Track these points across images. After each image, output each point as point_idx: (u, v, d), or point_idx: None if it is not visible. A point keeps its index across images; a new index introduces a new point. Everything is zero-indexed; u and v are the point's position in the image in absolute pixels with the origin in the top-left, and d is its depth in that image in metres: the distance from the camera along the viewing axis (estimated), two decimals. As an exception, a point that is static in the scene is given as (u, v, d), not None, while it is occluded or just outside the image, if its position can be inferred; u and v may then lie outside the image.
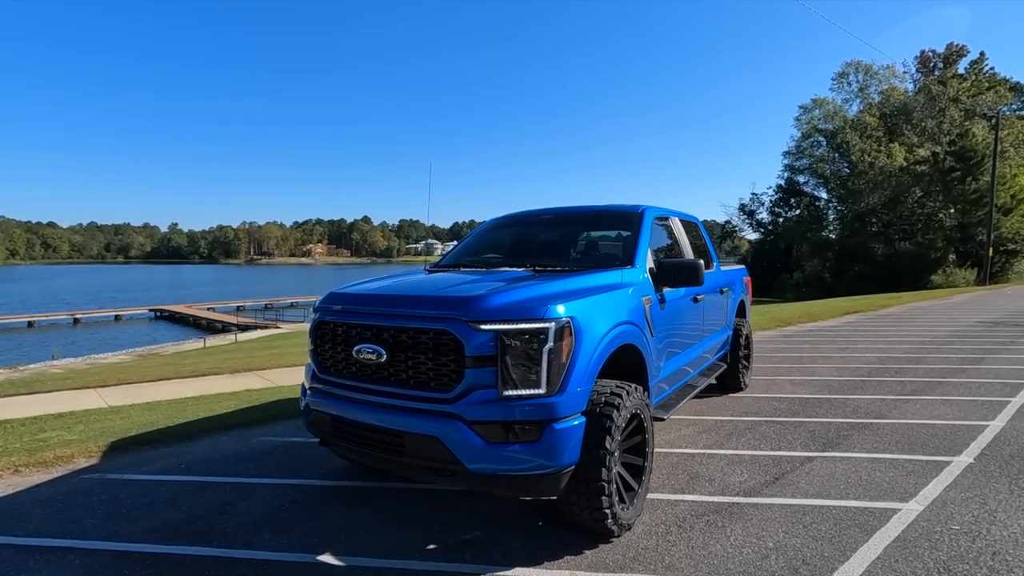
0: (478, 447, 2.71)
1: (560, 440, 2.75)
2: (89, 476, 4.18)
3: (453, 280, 3.52)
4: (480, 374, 2.76)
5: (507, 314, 2.80)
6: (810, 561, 2.86)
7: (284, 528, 3.30)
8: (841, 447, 4.59)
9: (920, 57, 45.81)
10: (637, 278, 3.78)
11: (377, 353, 3.00)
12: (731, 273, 6.32)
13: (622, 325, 3.29)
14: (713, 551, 2.98)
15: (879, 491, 3.70)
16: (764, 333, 12.14)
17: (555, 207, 5.05)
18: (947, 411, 5.63)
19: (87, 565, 2.92)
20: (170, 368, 12.24)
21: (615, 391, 3.08)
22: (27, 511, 3.58)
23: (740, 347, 6.34)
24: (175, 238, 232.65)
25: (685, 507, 3.52)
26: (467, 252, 4.88)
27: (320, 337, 3.39)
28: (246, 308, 48.94)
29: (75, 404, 7.60)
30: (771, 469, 4.13)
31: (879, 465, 4.17)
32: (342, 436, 3.18)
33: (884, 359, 8.58)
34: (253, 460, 4.49)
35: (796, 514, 3.39)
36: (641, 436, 3.35)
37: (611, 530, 3.01)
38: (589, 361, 2.94)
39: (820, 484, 3.84)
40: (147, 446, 4.89)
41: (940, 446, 4.58)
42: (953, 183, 36.87)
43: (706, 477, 3.99)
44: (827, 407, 5.84)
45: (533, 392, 2.75)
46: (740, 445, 4.68)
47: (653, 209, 4.60)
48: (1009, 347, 9.53)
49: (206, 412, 6.17)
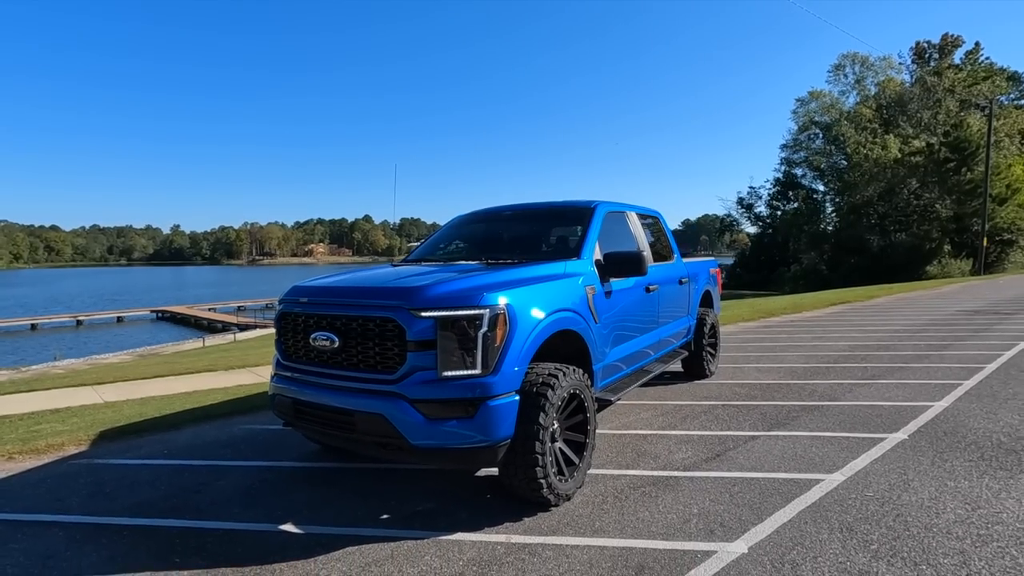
0: (419, 423, 2.99)
1: (495, 416, 3.02)
2: (77, 462, 4.48)
3: (406, 273, 3.80)
4: (421, 357, 3.03)
5: (445, 302, 3.08)
6: (727, 524, 3.13)
7: (253, 503, 3.59)
8: (787, 427, 4.85)
9: (915, 48, 45.85)
10: (582, 269, 4.05)
11: (331, 340, 3.28)
12: (695, 265, 6.58)
13: (561, 312, 3.56)
14: (641, 517, 3.25)
15: (809, 464, 3.97)
16: (746, 324, 12.39)
17: (516, 204, 5.33)
18: (899, 393, 5.88)
19: (69, 536, 3.21)
20: (167, 367, 12.55)
21: (552, 372, 3.35)
22: (17, 492, 3.88)
23: (704, 335, 6.60)
24: (177, 240, 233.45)
25: (626, 481, 3.79)
26: (431, 247, 5.17)
27: (283, 327, 3.67)
28: (246, 308, 49.29)
29: (72, 400, 7.90)
30: (715, 447, 4.40)
31: (817, 442, 4.43)
32: (302, 417, 3.46)
33: (854, 347, 8.83)
34: (232, 446, 4.78)
35: (726, 485, 3.66)
36: (582, 415, 3.62)
37: (547, 499, 3.28)
38: (524, 344, 3.21)
39: (757, 459, 4.10)
40: (134, 435, 5.18)
41: (880, 425, 4.84)
42: (948, 174, 36.99)
43: (652, 455, 4.27)
44: (785, 391, 6.10)
45: (469, 373, 3.02)
46: (692, 426, 4.94)
47: (606, 204, 4.87)
48: (980, 334, 9.77)
49: (193, 404, 6.46)
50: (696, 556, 2.81)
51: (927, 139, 38.65)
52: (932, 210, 37.85)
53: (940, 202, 37.59)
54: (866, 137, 40.19)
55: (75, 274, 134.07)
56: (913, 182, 38.60)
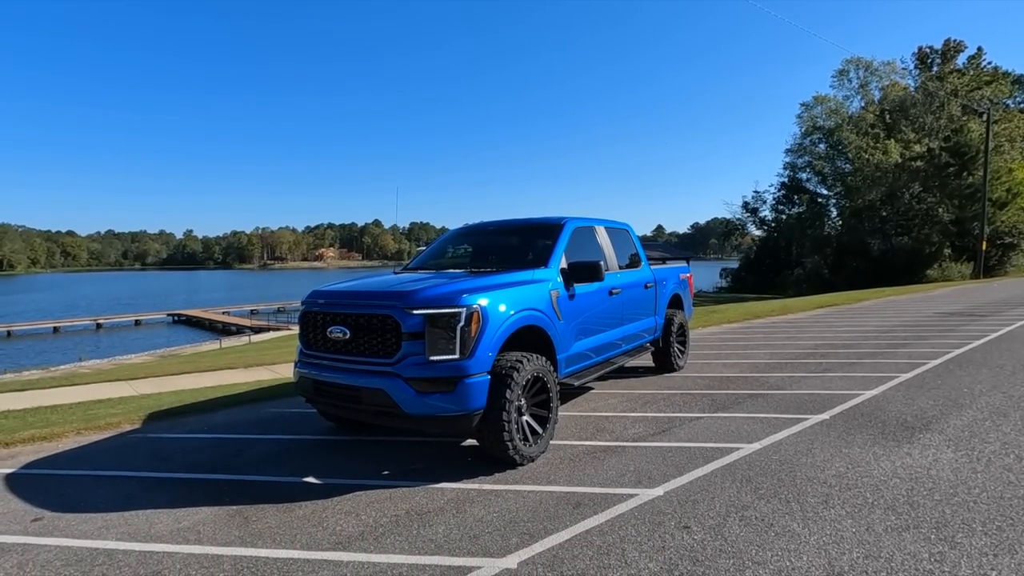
0: (411, 396, 3.88)
1: (469, 391, 3.90)
2: (134, 435, 5.42)
3: (405, 279, 4.70)
4: (413, 345, 3.93)
5: (431, 303, 3.98)
6: (653, 477, 3.98)
7: (281, 464, 4.50)
8: (730, 410, 5.68)
9: (917, 53, 46.26)
10: (548, 276, 4.92)
11: (343, 332, 4.19)
12: (663, 271, 7.42)
13: (527, 311, 4.44)
14: (587, 472, 4.11)
15: (735, 437, 4.81)
16: (730, 325, 13.18)
17: (500, 220, 6.24)
18: (840, 384, 6.68)
19: (142, 485, 4.13)
20: (190, 365, 13.58)
21: (519, 359, 4.22)
22: (92, 456, 4.82)
23: (673, 334, 7.45)
24: (190, 244, 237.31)
25: (582, 449, 4.65)
26: (428, 257, 6.10)
27: (305, 323, 4.59)
28: (259, 311, 50.68)
29: (112, 393, 8.89)
30: (663, 425, 5.24)
31: (749, 422, 5.26)
32: (320, 394, 4.37)
33: (819, 346, 9.61)
34: (260, 424, 5.70)
35: (662, 452, 4.51)
36: (546, 394, 4.50)
37: (513, 459, 4.15)
38: (494, 336, 4.09)
39: (694, 434, 4.94)
40: (177, 416, 6.13)
41: (810, 408, 5.66)
42: (949, 178, 37.46)
43: (609, 431, 5.12)
44: (740, 383, 6.92)
45: (450, 357, 3.91)
46: (649, 410, 5.79)
47: (575, 220, 5.74)
48: (944, 334, 10.50)
49: (222, 394, 7.40)
50: (622, 497, 3.66)
51: (929, 144, 39.10)
52: (933, 214, 38.27)
53: (941, 206, 38.02)
54: (868, 142, 40.70)
55: (91, 278, 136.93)
56: (915, 186, 39.06)
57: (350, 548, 3.11)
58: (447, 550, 3.06)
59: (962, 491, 3.63)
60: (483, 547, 3.07)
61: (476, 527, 3.31)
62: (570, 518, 3.38)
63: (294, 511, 3.60)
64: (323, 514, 3.55)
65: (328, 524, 3.41)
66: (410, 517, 3.47)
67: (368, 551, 3.07)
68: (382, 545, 3.13)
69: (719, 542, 3.05)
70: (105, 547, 3.21)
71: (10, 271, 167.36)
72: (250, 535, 3.29)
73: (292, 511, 3.60)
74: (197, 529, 3.39)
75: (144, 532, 3.38)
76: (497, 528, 3.28)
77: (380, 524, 3.39)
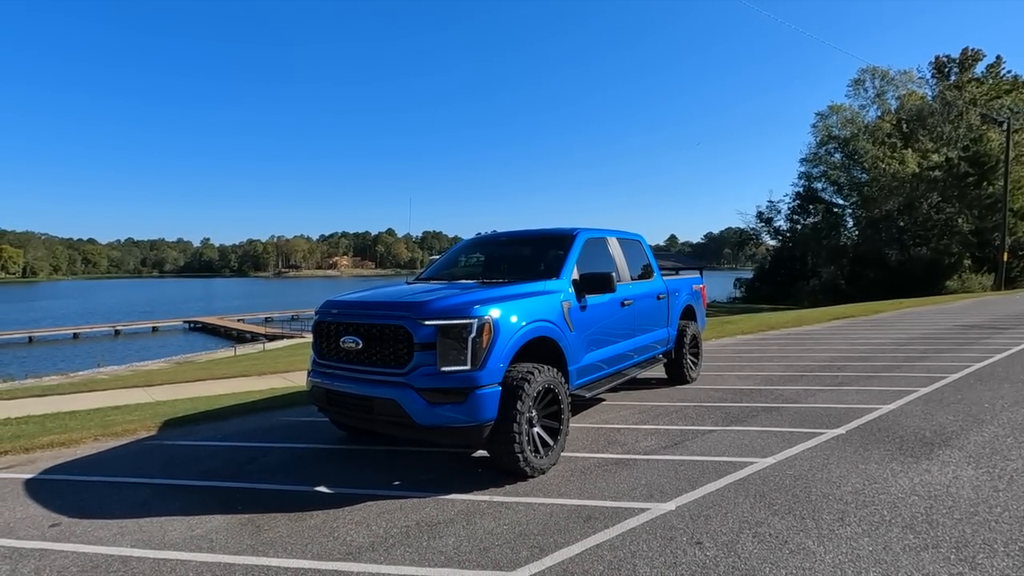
0: (423, 406, 3.89)
1: (481, 402, 3.90)
2: (149, 442, 5.49)
3: (416, 290, 4.73)
4: (425, 355, 3.94)
5: (443, 314, 3.99)
6: (665, 491, 3.94)
7: (293, 472, 4.52)
8: (743, 423, 5.61)
9: (935, 63, 45.79)
10: (560, 287, 4.92)
11: (356, 342, 4.22)
12: (676, 282, 7.38)
13: (538, 322, 4.44)
14: (598, 486, 4.08)
15: (749, 451, 4.75)
16: (744, 336, 13.05)
17: (511, 231, 6.25)
18: (856, 398, 6.57)
19: (155, 491, 4.18)
20: (205, 372, 13.75)
21: (530, 370, 4.22)
22: (109, 463, 4.88)
23: (685, 345, 7.39)
24: (207, 252, 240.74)
25: (594, 461, 4.62)
26: (440, 268, 6.13)
27: (319, 333, 4.63)
28: (274, 319, 51.13)
29: (128, 399, 9.03)
30: (676, 438, 5.19)
31: (763, 435, 5.19)
32: (332, 403, 4.40)
33: (835, 358, 9.47)
34: (272, 432, 5.75)
35: (674, 466, 4.46)
36: (557, 406, 4.48)
37: (524, 471, 4.13)
38: (506, 347, 4.09)
39: (707, 447, 4.89)
40: (191, 423, 6.20)
41: (826, 423, 5.57)
42: (968, 188, 36.88)
43: (620, 443, 5.08)
44: (754, 396, 6.84)
45: (461, 368, 3.92)
46: (662, 423, 5.74)
47: (587, 232, 5.74)
48: (964, 347, 10.29)
49: (236, 402, 7.47)
50: (633, 511, 3.63)
51: (947, 153, 38.58)
52: (952, 224, 37.66)
53: (960, 216, 37.41)
54: (884, 151, 40.26)
55: (110, 286, 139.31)
56: (933, 196, 38.51)
57: (360, 559, 3.11)
58: (457, 562, 3.05)
59: (983, 510, 3.54)
60: (493, 560, 3.06)
61: (486, 539, 3.30)
62: (581, 532, 3.36)
63: (305, 520, 3.62)
64: (334, 524, 3.56)
65: (339, 534, 3.42)
66: (420, 528, 3.47)
67: (378, 562, 3.08)
68: (392, 556, 3.13)
69: (732, 559, 3.00)
70: (120, 554, 3.25)
71: (33, 278, 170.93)
72: (262, 544, 3.31)
73: (303, 520, 3.62)
74: (210, 537, 3.42)
75: (158, 539, 3.41)
76: (507, 541, 3.27)
77: (390, 535, 3.39)
